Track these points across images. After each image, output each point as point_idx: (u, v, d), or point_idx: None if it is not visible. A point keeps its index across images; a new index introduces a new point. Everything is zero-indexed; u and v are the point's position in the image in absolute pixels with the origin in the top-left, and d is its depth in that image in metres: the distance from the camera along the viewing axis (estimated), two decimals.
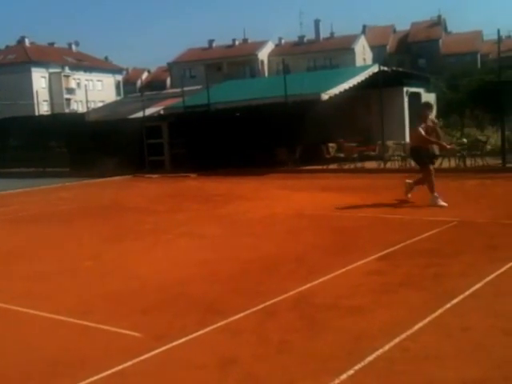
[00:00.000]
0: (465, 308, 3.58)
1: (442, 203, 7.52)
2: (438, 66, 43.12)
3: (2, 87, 49.03)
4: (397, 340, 3.08)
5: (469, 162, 12.26)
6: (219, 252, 5.75)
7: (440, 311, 3.50)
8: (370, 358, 2.87)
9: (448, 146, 8.73)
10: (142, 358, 3.08)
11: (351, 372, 2.75)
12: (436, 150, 8.26)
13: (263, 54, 57.37)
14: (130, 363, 3.02)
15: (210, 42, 60.72)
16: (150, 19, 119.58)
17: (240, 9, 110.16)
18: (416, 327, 3.25)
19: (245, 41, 60.09)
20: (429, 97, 17.86)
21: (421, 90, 17.30)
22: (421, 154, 8.13)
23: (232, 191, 10.99)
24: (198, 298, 4.17)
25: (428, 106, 8.46)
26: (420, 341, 3.09)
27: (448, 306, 3.59)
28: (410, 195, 8.16)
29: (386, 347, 2.99)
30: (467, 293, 3.83)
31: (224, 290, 4.36)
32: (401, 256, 5.03)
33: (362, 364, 2.82)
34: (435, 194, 7.65)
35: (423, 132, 7.92)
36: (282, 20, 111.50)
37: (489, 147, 13.34)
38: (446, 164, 12.41)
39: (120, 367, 2.98)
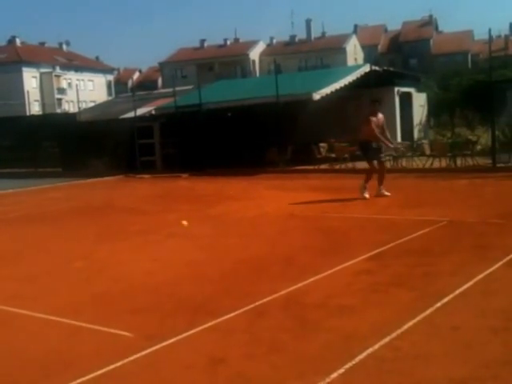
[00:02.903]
0: (454, 307, 3.60)
1: (367, 195, 8.34)
2: (428, 66, 43.41)
3: None
4: (387, 339, 3.09)
5: (459, 161, 12.35)
6: (209, 252, 5.73)
7: (430, 310, 3.51)
8: (360, 357, 2.88)
9: (391, 145, 9.18)
10: (133, 357, 3.06)
11: (342, 371, 2.75)
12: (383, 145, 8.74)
13: (254, 54, 57.41)
14: (120, 363, 3.00)
15: (202, 41, 60.64)
16: (141, 19, 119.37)
17: (231, 9, 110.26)
18: (406, 326, 3.26)
19: (236, 41, 60.10)
20: (420, 96, 17.99)
21: (412, 90, 17.40)
22: (369, 148, 8.57)
23: (223, 191, 10.97)
24: (188, 298, 4.15)
25: (377, 101, 8.86)
26: (410, 340, 3.10)
27: (438, 305, 3.60)
28: (367, 195, 8.45)
29: (377, 346, 3.00)
30: (457, 292, 3.85)
31: (214, 290, 4.35)
32: (390, 256, 5.04)
33: (353, 363, 2.83)
34: (366, 184, 8.40)
35: (374, 125, 8.40)
36: (273, 20, 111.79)
37: (479, 147, 13.45)
38: (436, 164, 12.50)
39: (111, 367, 2.96)
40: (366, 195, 8.40)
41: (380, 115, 8.67)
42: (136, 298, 4.25)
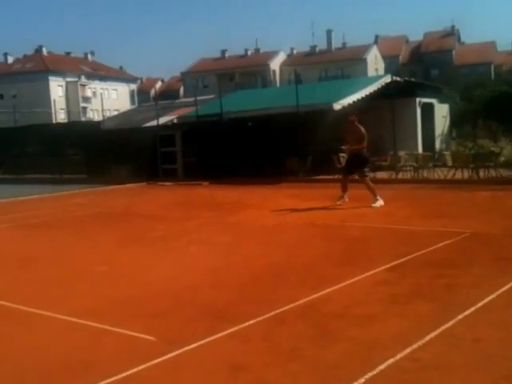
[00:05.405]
0: (476, 320, 3.57)
1: (381, 202, 8.76)
2: (450, 77, 42.94)
3: (20, 95, 50.06)
4: (408, 350, 3.08)
5: (482, 173, 12.17)
6: (229, 259, 5.79)
7: (451, 322, 3.49)
8: (381, 367, 2.88)
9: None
10: (155, 361, 3.12)
11: (362, 380, 2.76)
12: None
13: (275, 64, 57.74)
14: (143, 366, 3.06)
15: (223, 52, 61.31)
16: (163, 30, 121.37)
17: (252, 19, 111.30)
18: (427, 338, 3.25)
19: (257, 51, 60.57)
20: (442, 107, 17.83)
21: (434, 101, 17.26)
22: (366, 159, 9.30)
23: (243, 199, 11.04)
24: (208, 305, 4.21)
25: (355, 115, 9.46)
26: (431, 351, 3.09)
27: (459, 317, 3.58)
28: (381, 201, 8.82)
29: (398, 357, 3.00)
30: (479, 305, 3.81)
31: (234, 296, 4.40)
32: (411, 267, 5.01)
33: (374, 373, 2.83)
34: (375, 196, 8.81)
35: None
36: (293, 30, 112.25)
37: (502, 159, 13.24)
38: (458, 175, 12.35)
39: (134, 370, 3.02)
40: (381, 202, 8.77)
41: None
42: (158, 302, 4.33)
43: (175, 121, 17.40)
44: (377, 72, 51.46)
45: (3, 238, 8.00)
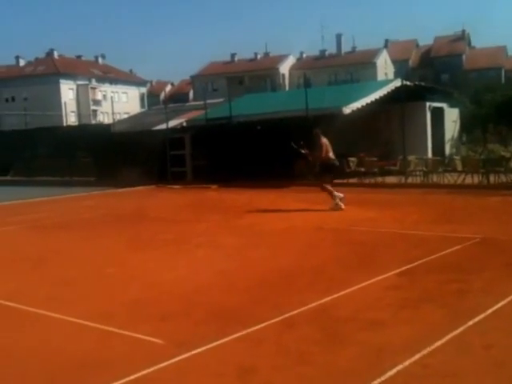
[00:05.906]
0: (487, 326, 3.55)
1: (343, 206, 9.15)
2: (461, 81, 42.73)
3: (31, 98, 50.64)
4: (417, 356, 3.07)
5: (492, 178, 12.08)
6: (238, 262, 5.81)
7: (461, 328, 3.47)
8: (390, 373, 2.87)
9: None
10: (164, 364, 3.14)
11: None
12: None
13: (284, 68, 57.82)
14: (152, 369, 3.08)
15: (233, 55, 61.50)
16: (173, 34, 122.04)
17: (262, 23, 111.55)
18: (437, 344, 3.23)
19: (266, 55, 60.69)
20: (452, 112, 17.73)
21: (444, 105, 17.18)
22: (333, 166, 9.98)
23: (251, 203, 11.06)
24: (217, 308, 4.22)
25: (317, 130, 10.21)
26: (440, 358, 3.07)
27: (470, 323, 3.56)
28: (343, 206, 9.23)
29: (407, 363, 2.99)
30: (490, 311, 3.79)
31: (243, 300, 4.41)
32: (421, 272, 4.99)
33: (383, 378, 2.82)
34: (336, 197, 9.26)
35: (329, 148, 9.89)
36: (303, 34, 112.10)
37: None
38: (468, 180, 12.27)
39: (142, 373, 3.04)
40: (343, 206, 9.14)
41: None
42: (167, 305, 4.35)
43: (185, 124, 17.48)
44: (386, 76, 51.32)
45: (17, 239, 8.09)
